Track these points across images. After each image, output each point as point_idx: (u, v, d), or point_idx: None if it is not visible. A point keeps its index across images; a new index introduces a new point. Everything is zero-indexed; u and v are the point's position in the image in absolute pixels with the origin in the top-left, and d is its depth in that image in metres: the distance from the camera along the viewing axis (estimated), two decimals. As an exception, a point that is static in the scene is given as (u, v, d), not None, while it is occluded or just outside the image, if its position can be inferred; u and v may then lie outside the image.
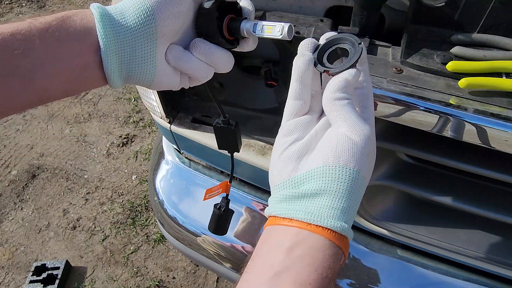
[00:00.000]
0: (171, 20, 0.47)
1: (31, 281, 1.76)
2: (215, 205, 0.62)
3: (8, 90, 0.40)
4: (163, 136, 1.22)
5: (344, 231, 0.40)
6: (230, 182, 0.65)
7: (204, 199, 0.65)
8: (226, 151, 0.63)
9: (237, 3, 0.53)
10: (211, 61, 0.51)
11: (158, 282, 1.80)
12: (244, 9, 0.53)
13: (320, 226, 0.40)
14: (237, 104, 1.02)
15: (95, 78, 0.46)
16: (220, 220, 0.61)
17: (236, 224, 1.04)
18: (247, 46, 0.54)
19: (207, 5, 0.49)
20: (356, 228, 0.98)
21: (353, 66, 0.42)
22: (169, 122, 1.04)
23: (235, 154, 0.66)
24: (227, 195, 0.64)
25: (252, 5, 0.49)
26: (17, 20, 0.42)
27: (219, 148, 0.59)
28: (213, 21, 0.49)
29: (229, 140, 0.53)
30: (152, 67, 0.48)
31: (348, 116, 0.42)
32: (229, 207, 0.63)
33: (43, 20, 0.42)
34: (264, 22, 0.49)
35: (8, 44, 0.39)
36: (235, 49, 0.54)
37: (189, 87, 0.55)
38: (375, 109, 0.60)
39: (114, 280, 1.82)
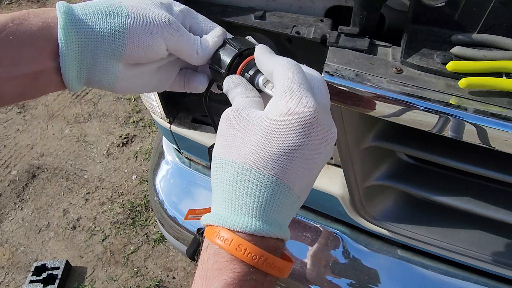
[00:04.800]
0: (142, 50, 0.45)
1: (31, 281, 1.76)
2: (198, 230, 0.57)
3: None
4: (163, 136, 1.22)
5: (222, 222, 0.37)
6: None
7: (185, 219, 0.61)
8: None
9: None
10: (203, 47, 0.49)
11: (158, 282, 1.80)
12: None
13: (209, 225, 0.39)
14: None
15: (53, 82, 0.44)
16: (200, 246, 0.58)
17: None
18: None
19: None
20: (356, 228, 0.98)
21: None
22: (169, 122, 1.04)
23: None
24: None
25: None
26: None
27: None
28: (234, 53, 0.49)
29: None
30: (112, 78, 0.45)
31: None
32: None
33: None
34: None
35: None
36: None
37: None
38: (374, 109, 0.60)
39: (114, 280, 1.82)
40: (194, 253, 0.55)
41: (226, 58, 0.49)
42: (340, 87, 0.59)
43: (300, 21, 0.75)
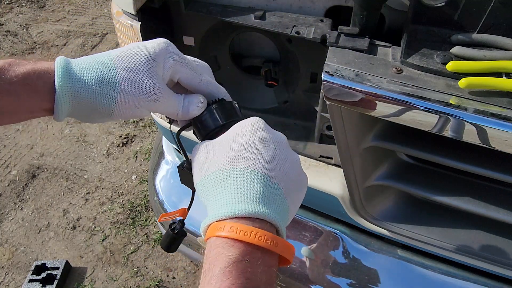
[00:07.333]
0: (128, 117, 0.52)
1: (31, 280, 1.76)
2: (170, 225, 0.66)
3: None
4: (163, 136, 1.22)
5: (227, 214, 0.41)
6: (188, 210, 0.68)
7: (159, 220, 0.69)
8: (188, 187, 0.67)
9: None
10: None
11: (158, 282, 1.80)
12: None
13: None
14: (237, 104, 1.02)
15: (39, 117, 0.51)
16: (172, 240, 0.65)
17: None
18: None
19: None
20: (356, 228, 0.98)
21: None
22: (169, 122, 1.04)
23: None
24: (183, 219, 0.68)
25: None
26: None
27: (181, 183, 0.65)
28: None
29: (191, 180, 0.56)
30: (97, 123, 0.53)
31: None
32: (183, 230, 0.67)
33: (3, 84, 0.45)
34: None
35: None
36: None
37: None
38: (374, 109, 0.60)
39: (114, 280, 1.82)
40: (168, 246, 0.65)
41: (211, 124, 0.56)
42: (340, 87, 0.59)
43: (300, 21, 0.75)
